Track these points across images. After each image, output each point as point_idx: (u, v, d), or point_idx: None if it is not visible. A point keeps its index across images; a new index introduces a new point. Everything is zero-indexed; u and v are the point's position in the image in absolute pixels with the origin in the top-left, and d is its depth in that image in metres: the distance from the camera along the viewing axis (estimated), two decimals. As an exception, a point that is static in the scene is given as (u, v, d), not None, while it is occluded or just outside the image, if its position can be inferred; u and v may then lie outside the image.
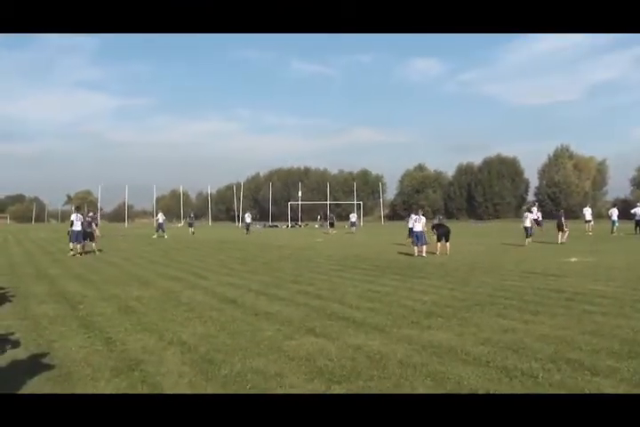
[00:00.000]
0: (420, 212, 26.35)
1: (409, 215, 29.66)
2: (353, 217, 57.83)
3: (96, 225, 29.91)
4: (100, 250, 27.53)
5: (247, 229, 52.41)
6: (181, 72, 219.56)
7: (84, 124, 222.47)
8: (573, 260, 21.19)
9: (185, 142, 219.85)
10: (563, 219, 31.76)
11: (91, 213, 28.43)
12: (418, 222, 24.63)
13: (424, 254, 23.80)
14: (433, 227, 25.52)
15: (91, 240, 27.37)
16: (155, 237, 44.20)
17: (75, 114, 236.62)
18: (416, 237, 24.44)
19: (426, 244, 24.33)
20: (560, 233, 31.19)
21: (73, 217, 26.58)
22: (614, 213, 40.36)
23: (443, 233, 24.96)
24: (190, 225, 52.79)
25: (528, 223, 30.59)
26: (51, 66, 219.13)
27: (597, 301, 11.90)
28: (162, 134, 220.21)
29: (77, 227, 25.99)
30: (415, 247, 24.37)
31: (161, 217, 46.19)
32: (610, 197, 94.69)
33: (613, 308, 11.10)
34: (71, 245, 26.30)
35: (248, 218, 54.45)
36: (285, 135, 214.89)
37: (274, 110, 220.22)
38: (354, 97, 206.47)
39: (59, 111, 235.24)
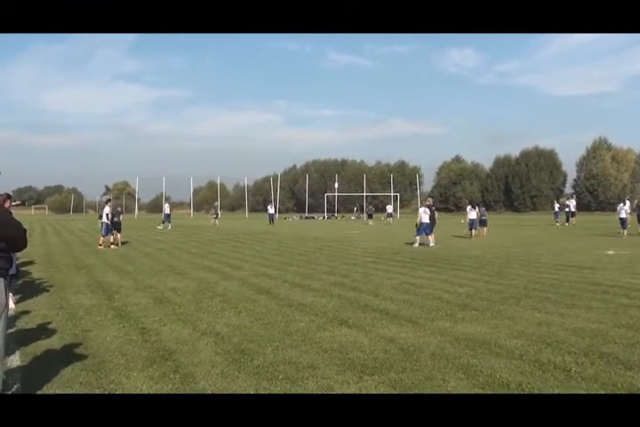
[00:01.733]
0: (425, 204, 27.36)
1: (471, 206, 31.93)
2: (389, 208, 60.10)
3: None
4: (123, 242, 26.95)
5: (271, 221, 53.09)
6: (218, 63, 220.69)
7: (122, 116, 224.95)
8: (610, 253, 20.93)
9: (222, 134, 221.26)
10: None
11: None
12: (425, 214, 25.44)
13: (426, 244, 24.72)
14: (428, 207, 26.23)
15: (119, 231, 26.50)
16: (160, 227, 44.33)
17: (113, 106, 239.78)
18: (424, 228, 25.25)
19: (420, 235, 25.30)
20: None
21: (106, 210, 25.70)
22: (653, 205, 39.74)
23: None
24: (215, 216, 53.09)
25: (624, 215, 30.68)
26: (89, 59, 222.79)
27: (634, 294, 11.75)
28: (199, 126, 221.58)
29: (105, 219, 25.44)
30: (430, 237, 25.05)
31: (167, 208, 46.21)
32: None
33: (650, 301, 10.96)
34: (103, 239, 25.39)
35: (271, 209, 55.30)
36: (322, 127, 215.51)
37: (310, 102, 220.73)
38: (390, 88, 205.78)
39: (97, 103, 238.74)
